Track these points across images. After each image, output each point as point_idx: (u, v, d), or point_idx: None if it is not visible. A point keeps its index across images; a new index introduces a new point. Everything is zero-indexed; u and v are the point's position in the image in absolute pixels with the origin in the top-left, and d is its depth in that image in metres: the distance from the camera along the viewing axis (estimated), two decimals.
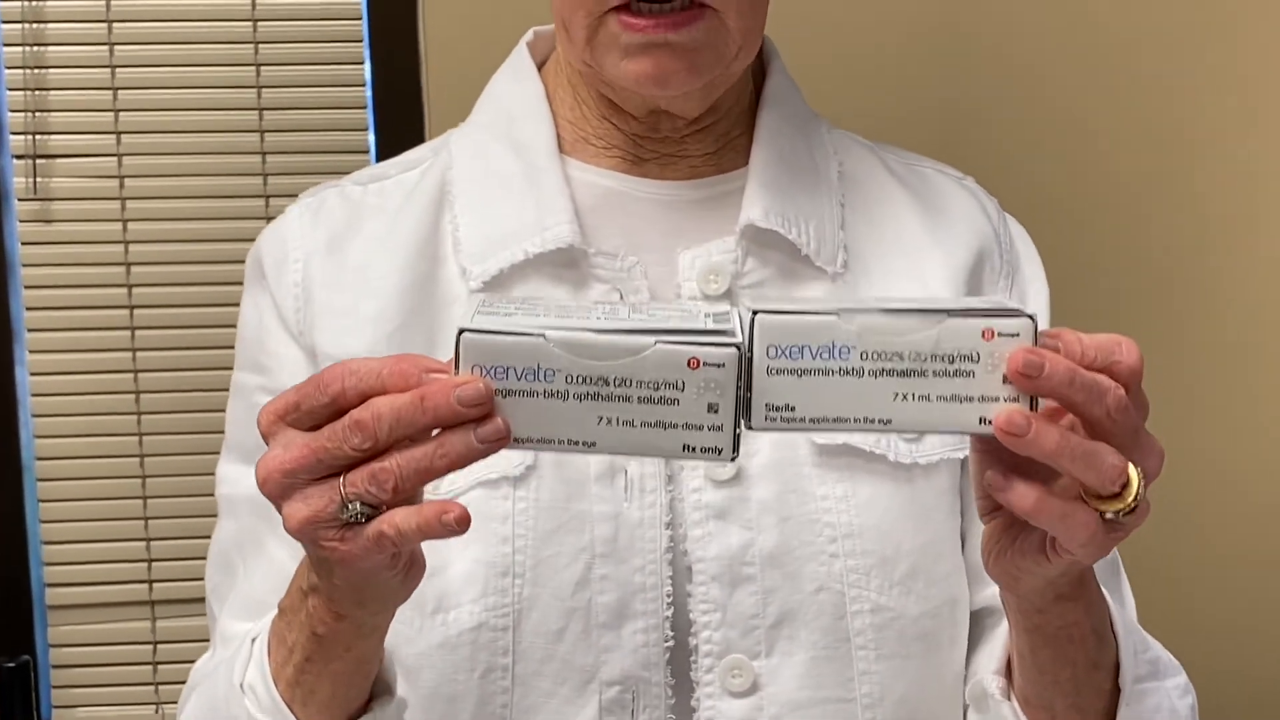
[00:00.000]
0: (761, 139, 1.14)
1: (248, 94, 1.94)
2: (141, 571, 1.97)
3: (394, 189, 1.16)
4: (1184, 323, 2.10)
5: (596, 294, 1.11)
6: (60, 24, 1.92)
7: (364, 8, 1.97)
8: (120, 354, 1.95)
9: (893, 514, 1.08)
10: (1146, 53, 2.11)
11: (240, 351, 1.16)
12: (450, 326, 0.97)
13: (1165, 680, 1.04)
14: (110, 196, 1.93)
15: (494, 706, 1.04)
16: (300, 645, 0.89)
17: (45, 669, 1.99)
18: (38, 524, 1.99)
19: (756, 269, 1.11)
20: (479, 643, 1.03)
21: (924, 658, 1.10)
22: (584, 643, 1.04)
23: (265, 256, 1.14)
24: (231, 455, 1.13)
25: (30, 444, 1.97)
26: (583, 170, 1.13)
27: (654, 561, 1.05)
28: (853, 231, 1.14)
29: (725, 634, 1.05)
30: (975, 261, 1.16)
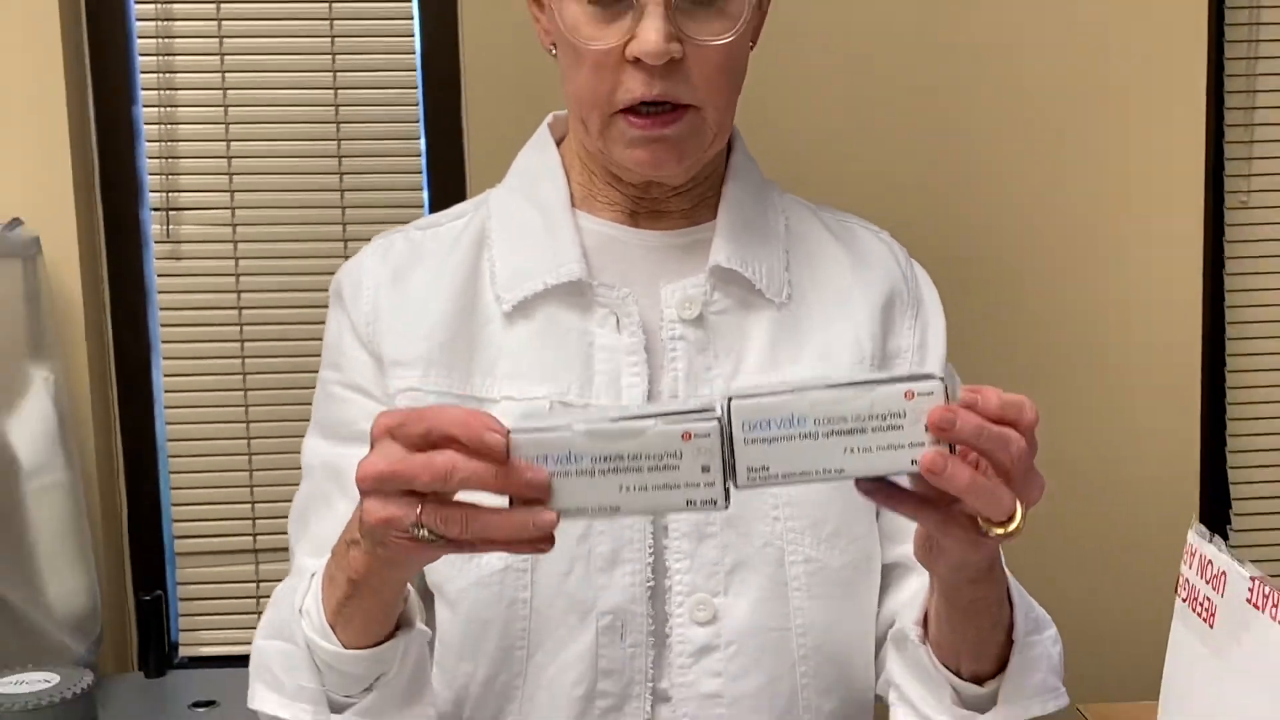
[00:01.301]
0: (726, 201, 1.21)
1: (330, 161, 2.08)
2: (248, 527, 2.12)
3: (445, 235, 1.22)
4: (1024, 324, 2.12)
5: (598, 316, 1.16)
6: (188, 108, 2.06)
7: (420, 100, 2.09)
8: (231, 360, 2.09)
9: (819, 488, 1.12)
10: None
11: (324, 355, 1.23)
12: (486, 342, 1.15)
13: (1044, 633, 1.11)
14: (225, 240, 2.07)
15: (516, 630, 1.12)
16: (341, 585, 0.95)
17: (174, 602, 2.12)
18: (169, 491, 2.12)
19: (721, 299, 1.17)
20: (505, 581, 1.11)
21: (844, 598, 1.17)
22: (585, 582, 1.12)
23: (344, 285, 1.22)
24: (314, 431, 1.22)
25: (163, 431, 2.11)
26: (589, 221, 1.20)
27: (640, 521, 1.12)
28: (795, 272, 1.21)
29: (693, 578, 1.13)
30: (887, 299, 1.23)
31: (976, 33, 2.11)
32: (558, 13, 1.09)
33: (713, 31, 1.07)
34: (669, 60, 1.05)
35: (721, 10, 1.07)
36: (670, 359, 1.15)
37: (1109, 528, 2.13)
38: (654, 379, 1.15)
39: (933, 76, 2.11)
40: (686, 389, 1.15)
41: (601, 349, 1.15)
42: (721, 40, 1.07)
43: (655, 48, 1.03)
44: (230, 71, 2.08)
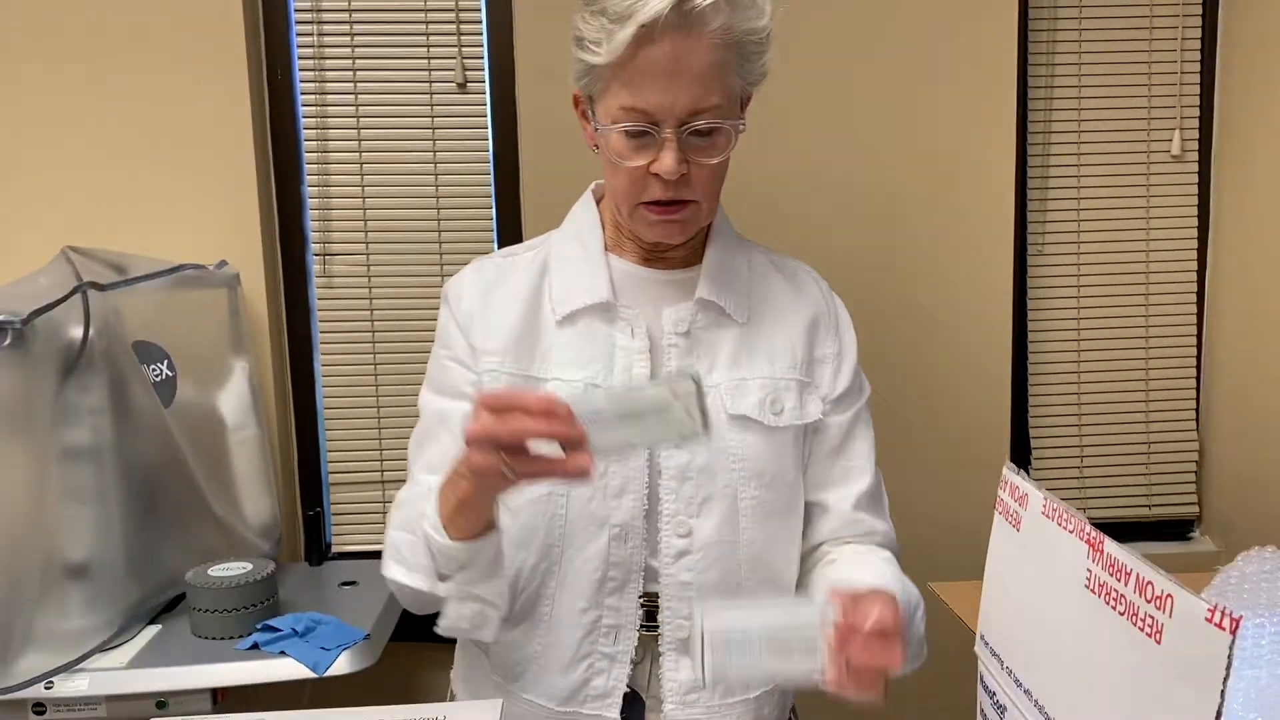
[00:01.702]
0: (709, 252, 1.18)
1: (431, 215, 2.05)
2: (376, 466, 2.10)
3: (520, 263, 1.19)
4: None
5: (619, 326, 1.14)
6: (338, 185, 2.03)
7: (491, 172, 2.04)
8: (364, 354, 2.07)
9: (763, 449, 1.13)
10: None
11: (437, 337, 1.20)
12: (543, 339, 1.14)
13: (915, 615, 1.08)
14: (361, 275, 2.06)
15: (555, 534, 1.11)
16: (451, 502, 0.98)
17: (328, 515, 2.12)
18: (325, 441, 2.11)
19: (702, 319, 1.15)
20: (549, 501, 1.10)
21: (776, 524, 1.16)
22: (602, 504, 1.11)
23: (450, 291, 1.19)
24: (428, 387, 1.20)
25: (320, 402, 2.10)
26: (616, 261, 1.17)
27: (641, 466, 1.11)
28: (753, 301, 1.18)
29: (676, 505, 1.12)
30: (813, 320, 1.20)
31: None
32: (603, 138, 1.08)
33: (708, 155, 1.06)
34: (678, 176, 1.05)
35: (714, 142, 1.06)
36: (667, 358, 1.14)
37: (955, 466, 2.10)
38: (655, 371, 1.14)
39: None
40: None
41: (620, 348, 1.14)
42: (713, 161, 1.07)
43: (670, 171, 1.03)
44: (367, 158, 2.05)
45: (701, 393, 0.88)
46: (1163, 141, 2.15)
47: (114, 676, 1.51)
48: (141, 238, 1.92)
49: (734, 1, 1.01)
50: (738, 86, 1.07)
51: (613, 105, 1.05)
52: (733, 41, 1.03)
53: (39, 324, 1.46)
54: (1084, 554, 0.67)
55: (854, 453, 1.20)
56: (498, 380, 1.13)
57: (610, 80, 1.04)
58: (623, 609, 1.13)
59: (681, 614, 1.13)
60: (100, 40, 1.91)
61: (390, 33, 2.02)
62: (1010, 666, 0.76)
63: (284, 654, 1.55)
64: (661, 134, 1.03)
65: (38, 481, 1.48)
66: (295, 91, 2.03)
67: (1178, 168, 2.16)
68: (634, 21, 0.97)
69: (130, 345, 1.63)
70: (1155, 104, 2.14)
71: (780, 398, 1.15)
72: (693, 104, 1.02)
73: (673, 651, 1.13)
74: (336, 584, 1.87)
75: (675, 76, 1.00)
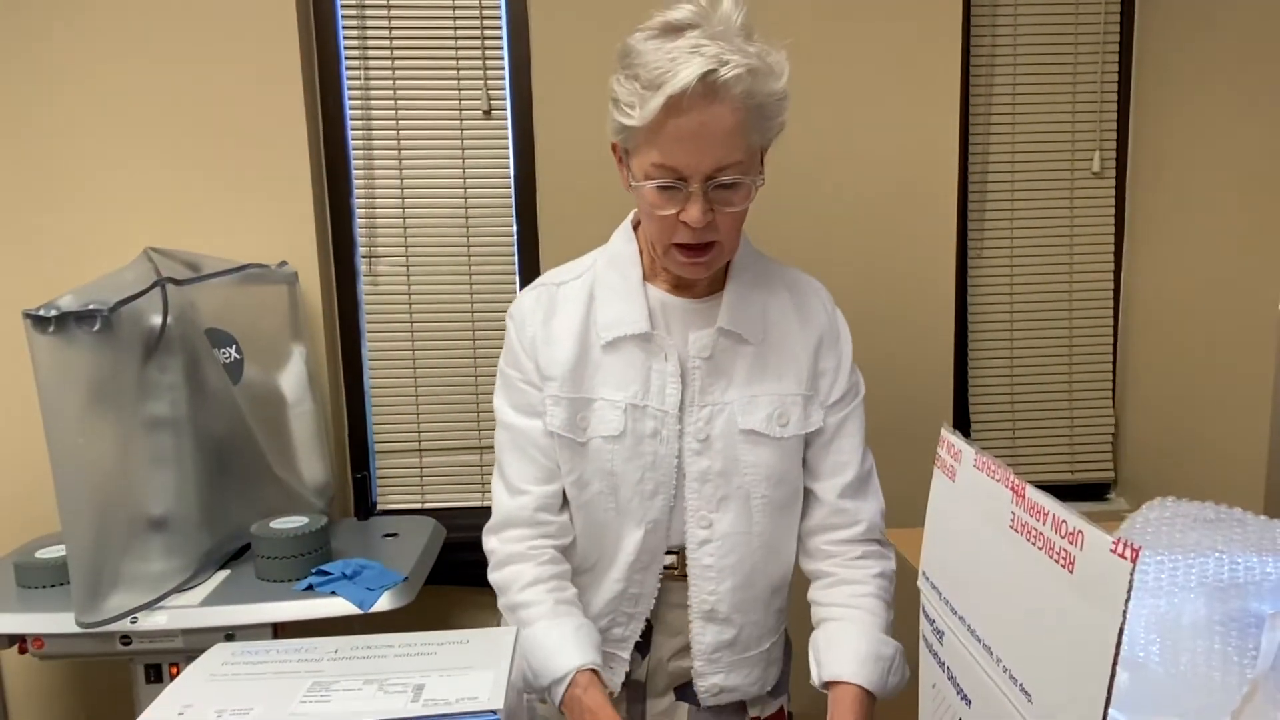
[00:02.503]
0: (729, 285, 1.14)
1: (461, 225, 2.03)
2: (414, 437, 2.09)
3: (570, 291, 1.16)
4: None
5: (655, 352, 1.12)
6: (381, 196, 2.02)
7: (513, 193, 2.02)
8: (404, 343, 2.06)
9: (772, 457, 1.13)
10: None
11: (505, 355, 1.17)
12: (592, 363, 1.12)
13: (892, 665, 1.09)
14: (401, 274, 2.05)
15: (605, 528, 1.14)
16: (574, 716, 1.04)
17: (374, 478, 2.12)
18: (371, 416, 2.10)
19: (723, 343, 1.13)
20: (600, 503, 1.13)
21: (781, 516, 1.16)
22: (639, 505, 1.12)
23: (515, 317, 1.16)
24: (504, 400, 1.17)
25: (368, 382, 2.09)
26: (652, 290, 1.14)
27: (670, 471, 1.12)
28: (767, 325, 1.15)
29: (698, 503, 1.13)
30: (819, 341, 1.17)
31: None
32: (638, 188, 1.05)
33: (731, 204, 1.03)
34: (705, 224, 1.03)
35: (735, 194, 1.03)
36: (692, 378, 1.13)
37: (906, 435, 2.04)
38: (685, 389, 1.13)
39: None
40: (701, 398, 1.13)
41: (656, 371, 1.13)
42: (735, 210, 1.04)
43: (697, 221, 1.01)
44: (406, 175, 2.05)
45: None
46: (1085, 160, 2.15)
47: (189, 613, 1.51)
48: (214, 241, 1.92)
49: (754, 70, 0.97)
50: (757, 143, 1.04)
51: (645, 162, 1.02)
52: (754, 105, 0.99)
53: (124, 312, 1.46)
54: (1008, 499, 0.67)
55: (843, 448, 1.18)
56: (559, 404, 1.12)
57: (642, 141, 1.01)
58: (645, 582, 1.15)
59: (705, 590, 1.13)
60: (180, 75, 1.91)
61: (426, 66, 2.02)
62: (947, 597, 0.76)
63: (334, 594, 1.55)
64: (689, 188, 1.00)
65: (124, 447, 1.49)
66: (345, 119, 2.03)
67: (1098, 183, 2.16)
68: (664, 92, 0.95)
69: (203, 332, 1.63)
70: (1079, 127, 2.14)
71: (787, 411, 1.14)
72: (716, 163, 0.99)
73: (700, 620, 1.14)
74: (380, 535, 1.87)
75: (701, 139, 0.97)
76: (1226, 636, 0.68)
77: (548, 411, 1.13)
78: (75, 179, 1.92)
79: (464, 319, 2.08)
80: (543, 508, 1.14)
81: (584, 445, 1.11)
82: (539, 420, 1.13)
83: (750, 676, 1.18)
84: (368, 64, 2.01)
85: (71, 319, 1.38)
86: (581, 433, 1.11)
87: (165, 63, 1.90)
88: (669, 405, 1.11)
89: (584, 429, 1.11)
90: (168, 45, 1.89)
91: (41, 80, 1.89)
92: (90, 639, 1.49)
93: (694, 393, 1.12)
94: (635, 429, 1.10)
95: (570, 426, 1.12)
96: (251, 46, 1.90)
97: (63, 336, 1.38)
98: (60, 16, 1.87)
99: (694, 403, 1.12)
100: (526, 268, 2.06)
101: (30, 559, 1.61)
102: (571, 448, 1.12)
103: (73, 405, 1.41)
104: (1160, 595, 0.73)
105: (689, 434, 1.11)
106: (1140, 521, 0.83)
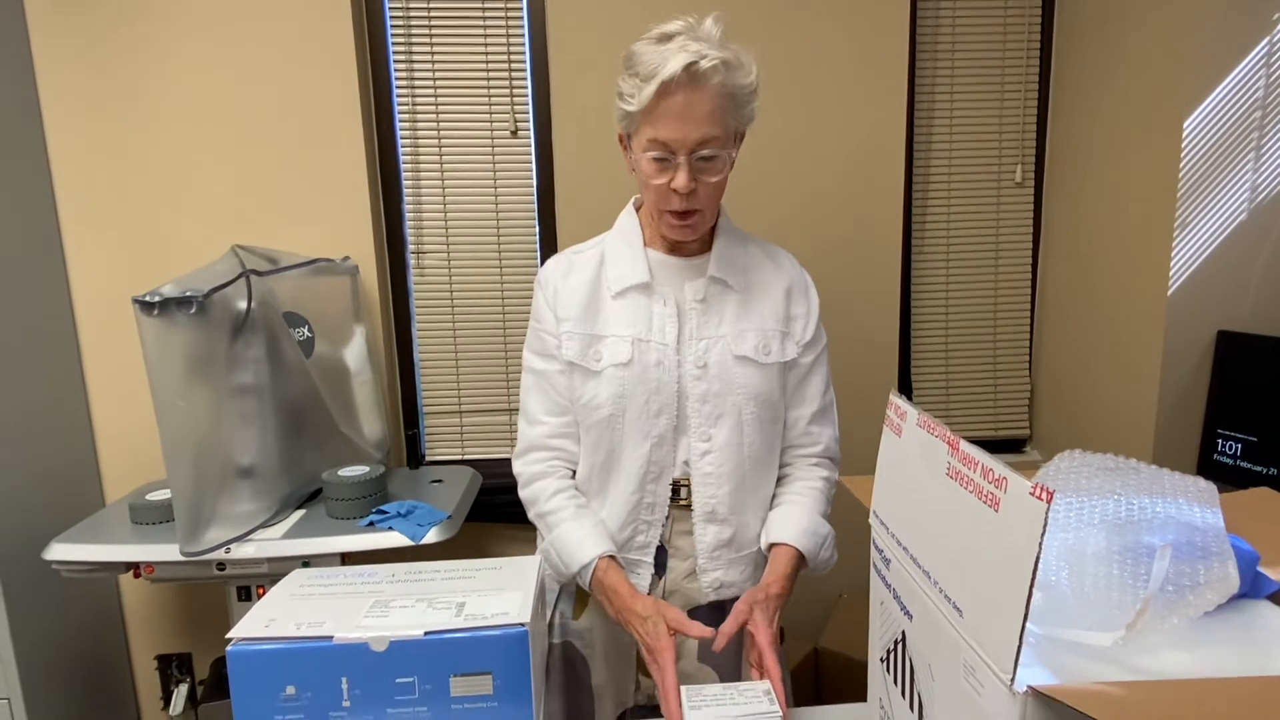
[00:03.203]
0: (716, 244, 1.14)
1: (492, 222, 1.99)
2: (454, 400, 2.07)
3: (584, 259, 1.15)
4: None
5: (655, 298, 1.11)
6: (426, 201, 1.98)
7: (534, 194, 1.98)
8: (444, 324, 2.03)
9: (758, 379, 1.11)
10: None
11: (533, 313, 1.16)
12: (603, 309, 1.10)
13: (824, 544, 1.11)
14: (443, 267, 2.01)
15: (615, 443, 1.11)
16: (599, 601, 1.06)
17: (423, 434, 2.09)
18: (420, 384, 2.06)
19: (713, 290, 1.12)
20: (610, 423, 1.10)
21: (768, 429, 1.14)
22: (646, 422, 1.10)
23: (541, 280, 1.16)
24: (529, 349, 1.16)
25: (418, 358, 2.06)
26: (652, 253, 1.14)
27: (673, 393, 1.09)
28: (748, 277, 1.14)
29: (699, 420, 1.10)
30: (789, 288, 1.16)
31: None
32: (637, 164, 1.06)
33: (710, 175, 1.04)
34: (689, 190, 1.04)
35: (714, 166, 1.04)
36: (688, 318, 1.12)
37: (861, 397, 2.07)
38: (682, 327, 1.11)
39: None
40: (698, 332, 1.11)
41: (656, 314, 1.12)
42: (714, 180, 1.05)
43: (684, 187, 1.03)
44: (448, 185, 2.01)
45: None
46: (1010, 170, 2.12)
47: (272, 544, 1.51)
48: (289, 240, 1.90)
49: (729, 64, 1.00)
50: (733, 125, 1.04)
51: (643, 139, 1.03)
52: (728, 94, 1.01)
53: (215, 299, 1.45)
54: (945, 451, 0.66)
55: (811, 384, 1.18)
56: (572, 338, 1.11)
57: (641, 122, 1.03)
58: (658, 491, 1.12)
59: (706, 494, 1.11)
60: (256, 104, 1.88)
61: (463, 92, 1.98)
62: (893, 531, 0.76)
63: (391, 529, 1.54)
64: (677, 160, 1.02)
65: (216, 409, 1.48)
66: (396, 139, 1.99)
67: (1020, 191, 2.14)
68: (656, 79, 0.97)
69: (281, 315, 1.62)
70: (1005, 143, 2.11)
71: (769, 343, 1.12)
72: (699, 138, 1.00)
73: (702, 521, 1.13)
74: (428, 482, 1.86)
75: (686, 118, 0.99)
76: (1123, 564, 0.68)
77: (563, 345, 1.11)
78: (173, 188, 1.90)
79: (495, 304, 2.07)
80: (556, 434, 1.14)
81: (599, 374, 1.10)
82: (556, 362, 1.12)
83: (745, 573, 1.16)
84: (415, 94, 1.98)
85: (173, 304, 1.37)
86: (596, 362, 1.10)
87: (244, 96, 1.88)
88: (668, 340, 1.10)
89: (598, 360, 1.10)
90: (249, 86, 1.87)
91: (144, 108, 1.87)
92: (192, 565, 1.49)
93: (691, 329, 1.11)
94: (641, 359, 1.09)
95: (584, 356, 1.10)
96: (319, 81, 1.88)
97: (165, 318, 1.37)
98: (149, 52, 1.85)
99: (692, 337, 1.11)
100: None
101: (142, 501, 1.62)
102: (586, 375, 1.11)
103: (174, 375, 1.40)
104: (1069, 530, 0.73)
105: (689, 362, 1.10)
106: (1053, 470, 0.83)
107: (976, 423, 2.23)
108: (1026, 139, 2.12)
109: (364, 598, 0.78)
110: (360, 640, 0.71)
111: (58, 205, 1.87)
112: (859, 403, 2.05)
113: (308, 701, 0.70)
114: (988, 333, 2.20)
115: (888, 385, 2.11)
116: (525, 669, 0.72)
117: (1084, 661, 0.60)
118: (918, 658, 0.70)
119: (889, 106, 2.00)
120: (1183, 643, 0.62)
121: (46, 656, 1.74)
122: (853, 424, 1.44)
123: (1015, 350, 2.21)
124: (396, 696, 0.71)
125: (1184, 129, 1.62)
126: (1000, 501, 0.57)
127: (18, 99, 1.77)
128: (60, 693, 1.78)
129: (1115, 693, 0.52)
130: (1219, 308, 1.67)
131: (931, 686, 0.67)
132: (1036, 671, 0.58)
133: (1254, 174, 1.62)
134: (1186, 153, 1.63)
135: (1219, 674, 0.58)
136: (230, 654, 0.70)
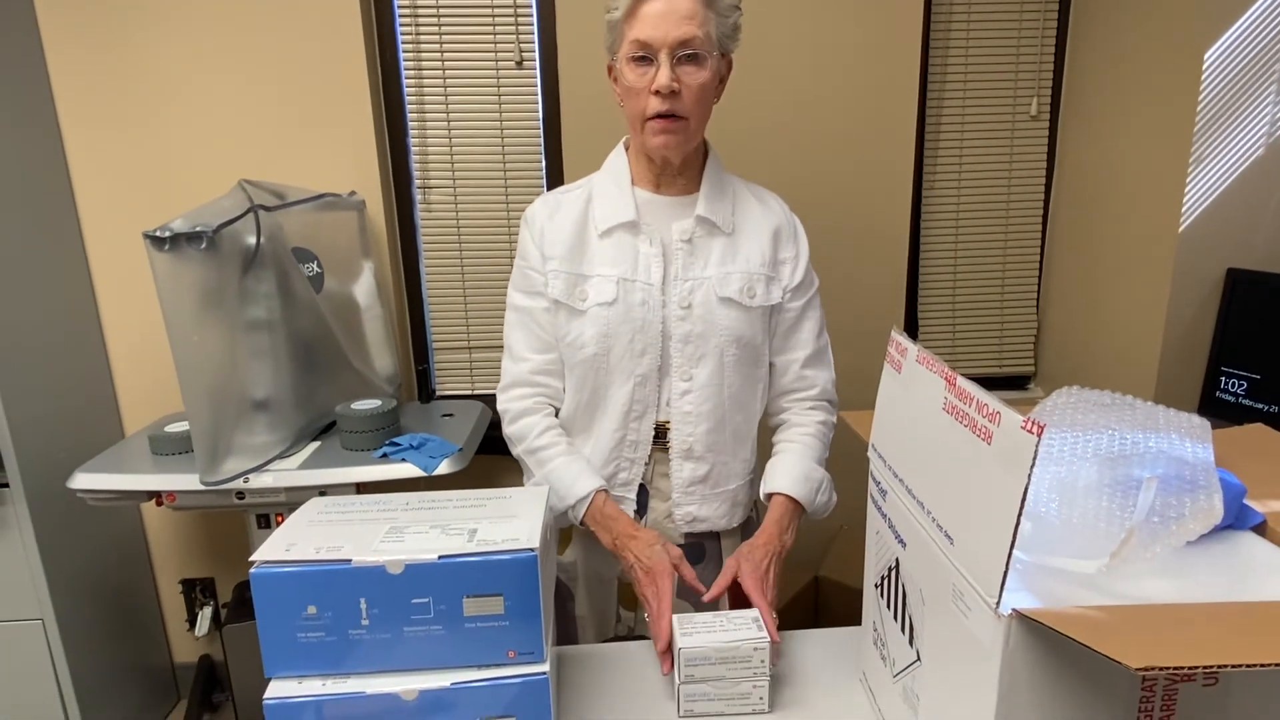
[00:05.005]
0: (704, 183, 1.13)
1: (498, 159, 1.97)
2: (463, 336, 2.08)
3: (572, 198, 1.14)
4: None
5: (642, 238, 1.09)
6: (432, 136, 1.97)
7: (541, 131, 1.97)
8: (452, 259, 2.03)
9: (741, 321, 1.10)
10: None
11: (519, 250, 1.15)
12: (590, 248, 1.09)
13: (820, 488, 1.11)
14: (449, 202, 2.00)
15: (600, 381, 1.11)
16: (599, 533, 1.07)
17: (433, 370, 2.11)
18: (429, 319, 2.07)
19: (700, 231, 1.10)
20: (595, 362, 1.10)
21: (749, 372, 1.14)
22: (630, 361, 1.09)
23: (528, 217, 1.14)
24: (514, 286, 1.15)
25: (426, 292, 2.06)
26: (639, 191, 1.13)
27: (657, 333, 1.09)
28: (736, 218, 1.13)
29: (681, 360, 1.10)
30: (776, 231, 1.14)
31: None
32: (620, 76, 1.05)
33: (693, 77, 1.02)
34: (671, 91, 1.02)
35: (699, 65, 1.03)
36: (674, 259, 1.11)
37: (866, 334, 2.03)
38: (667, 267, 1.11)
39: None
40: (684, 273, 1.10)
41: (642, 254, 1.11)
42: (698, 80, 1.03)
43: (664, 86, 1.01)
44: (453, 119, 1.99)
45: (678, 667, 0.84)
46: (1025, 104, 2.08)
47: (289, 474, 1.53)
48: (295, 174, 1.88)
49: None
50: (715, 33, 1.03)
51: (625, 46, 1.02)
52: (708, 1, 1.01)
53: (225, 233, 1.44)
54: (942, 387, 0.67)
55: (804, 328, 1.17)
56: (558, 277, 1.10)
57: (624, 28, 1.03)
58: (641, 430, 1.12)
59: (685, 432, 1.11)
60: (262, 40, 1.85)
61: (467, 22, 1.94)
62: (890, 464, 0.77)
63: (404, 460, 1.56)
64: (658, 59, 1.01)
65: (230, 343, 1.49)
66: (400, 72, 1.96)
67: (1035, 125, 2.09)
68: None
69: (290, 250, 1.61)
70: (1021, 77, 2.06)
71: (753, 286, 1.11)
72: (680, 36, 1.00)
73: (679, 458, 1.13)
74: (439, 415, 1.88)
75: (666, 17, 0.99)
76: (1112, 496, 0.70)
77: (549, 284, 1.10)
78: (179, 121, 1.88)
79: (502, 237, 2.05)
80: (540, 371, 1.13)
81: (584, 313, 1.09)
82: (541, 299, 1.11)
83: (719, 510, 1.16)
84: (418, 25, 1.94)
85: (183, 239, 1.36)
86: (581, 301, 1.09)
87: (250, 31, 1.84)
88: (654, 280, 1.09)
89: (583, 299, 1.09)
90: (254, 17, 1.83)
91: (148, 39, 1.83)
92: (212, 494, 1.51)
93: (676, 270, 1.10)
94: (626, 298, 1.08)
95: (569, 295, 1.09)
96: (322, 14, 1.85)
97: (176, 253, 1.37)
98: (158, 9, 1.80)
99: (677, 278, 1.09)
100: None
101: (161, 432, 1.64)
102: (571, 314, 1.10)
103: (187, 309, 1.40)
104: (1062, 464, 0.74)
105: (673, 303, 1.09)
106: (1050, 405, 0.84)
107: (982, 359, 2.22)
108: (1044, 70, 2.06)
109: (380, 524, 0.79)
110: (377, 563, 0.72)
111: (63, 137, 1.86)
112: (865, 338, 2.03)
113: (328, 620, 0.73)
114: (996, 269, 2.17)
115: (894, 322, 2.11)
116: (535, 591, 0.74)
117: (1068, 587, 0.62)
118: (910, 583, 0.72)
119: (903, 33, 1.95)
120: (1165, 571, 0.64)
121: (76, 582, 1.81)
122: (861, 360, 1.44)
123: (1023, 287, 2.19)
124: (413, 616, 0.74)
125: (1204, 61, 1.58)
126: (993, 435, 0.58)
127: (19, 27, 1.75)
128: (90, 616, 1.85)
129: (1096, 616, 0.53)
130: (1230, 245, 1.65)
131: (922, 610, 0.69)
132: (1022, 596, 0.59)
133: (1273, 109, 1.59)
134: (1205, 86, 1.59)
135: (1198, 600, 0.59)
136: (254, 576, 0.73)
